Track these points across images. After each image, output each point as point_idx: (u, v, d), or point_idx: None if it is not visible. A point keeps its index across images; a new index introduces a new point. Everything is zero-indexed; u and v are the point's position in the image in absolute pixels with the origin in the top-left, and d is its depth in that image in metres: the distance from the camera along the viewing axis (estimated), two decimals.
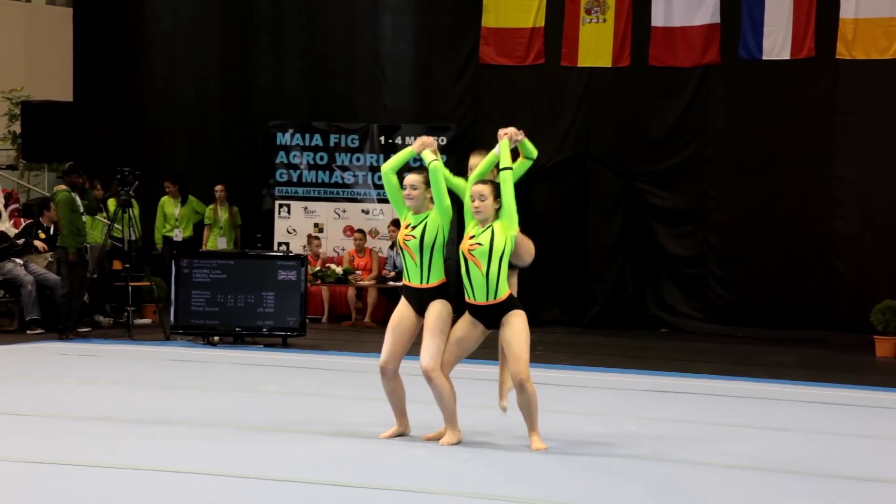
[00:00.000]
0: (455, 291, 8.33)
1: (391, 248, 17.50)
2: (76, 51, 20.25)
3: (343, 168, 18.06)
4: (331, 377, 11.78)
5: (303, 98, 19.16)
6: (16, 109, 19.28)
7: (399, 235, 8.08)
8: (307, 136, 18.13)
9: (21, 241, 15.84)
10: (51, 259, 15.64)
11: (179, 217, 18.12)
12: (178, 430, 8.31)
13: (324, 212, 18.11)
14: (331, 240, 18.10)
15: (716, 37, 17.01)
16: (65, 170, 16.02)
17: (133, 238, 15.42)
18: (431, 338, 7.86)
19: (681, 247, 17.28)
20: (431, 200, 7.97)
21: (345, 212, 18.10)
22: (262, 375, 11.64)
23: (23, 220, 16.89)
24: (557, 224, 17.70)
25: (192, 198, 18.24)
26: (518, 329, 7.81)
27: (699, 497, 6.74)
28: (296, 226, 18.09)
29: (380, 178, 17.71)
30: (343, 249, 17.96)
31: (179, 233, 18.05)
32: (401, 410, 8.17)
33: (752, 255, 16.88)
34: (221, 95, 19.62)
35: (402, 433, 8.17)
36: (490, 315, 7.88)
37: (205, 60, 19.71)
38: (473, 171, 8.07)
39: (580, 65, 17.54)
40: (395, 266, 17.08)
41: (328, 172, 18.10)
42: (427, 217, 7.95)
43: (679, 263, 17.28)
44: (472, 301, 7.90)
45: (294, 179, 18.14)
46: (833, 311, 16.48)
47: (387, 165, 8.14)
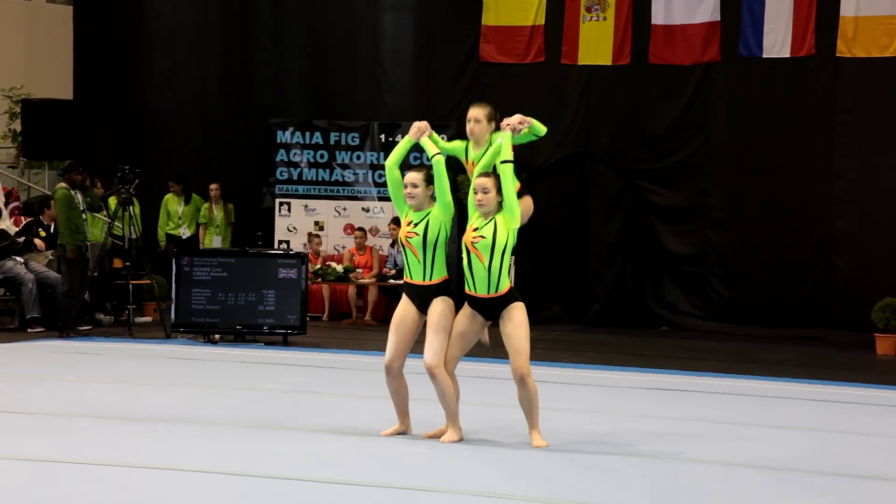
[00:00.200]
0: (456, 287, 8.31)
1: (392, 246, 17.50)
2: (76, 49, 20.26)
3: (343, 166, 18.06)
4: (331, 375, 11.77)
5: (303, 96, 19.17)
6: (16, 107, 19.29)
7: (401, 233, 8.07)
8: (307, 134, 18.14)
9: (22, 240, 15.85)
10: (51, 257, 15.65)
11: (183, 215, 18.12)
12: (179, 428, 8.31)
13: (324, 210, 18.12)
14: (331, 238, 18.11)
15: (716, 35, 17.01)
16: (65, 167, 16.03)
17: (134, 236, 15.42)
18: (434, 335, 7.85)
19: (681, 245, 17.28)
20: (433, 198, 7.96)
21: (345, 210, 18.11)
22: (263, 373, 11.64)
23: (23, 219, 16.89)
24: (558, 222, 17.72)
25: (196, 196, 18.24)
26: (518, 322, 7.80)
27: (700, 495, 6.74)
28: (296, 224, 18.09)
29: (380, 177, 17.89)
30: (343, 247, 17.97)
31: (186, 231, 18.05)
32: (403, 410, 8.16)
33: (753, 253, 16.88)
34: (222, 93, 19.63)
35: (404, 431, 8.15)
36: (490, 307, 7.87)
37: (205, 58, 19.72)
38: (477, 155, 8.07)
39: (580, 63, 17.56)
40: (396, 264, 17.08)
41: (329, 170, 18.10)
42: (429, 214, 7.95)
43: (680, 261, 17.28)
44: (473, 293, 7.89)
45: (294, 177, 18.15)
46: (833, 309, 16.48)
47: (390, 160, 8.13)
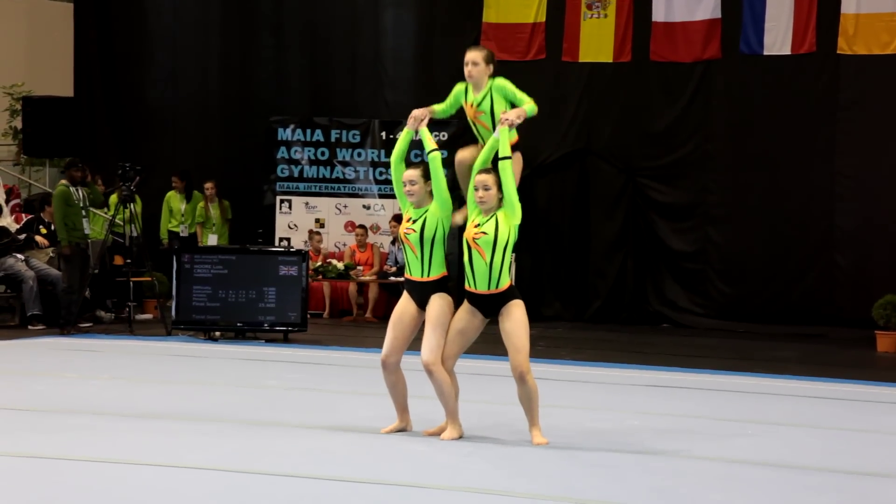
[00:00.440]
0: (456, 284, 8.31)
1: (392, 244, 17.50)
2: (77, 46, 20.24)
3: (344, 163, 18.06)
4: (332, 372, 11.77)
5: (304, 93, 19.16)
6: (17, 105, 19.28)
7: (400, 229, 8.08)
8: (308, 132, 18.13)
9: (22, 237, 15.86)
10: (52, 254, 15.66)
11: (185, 213, 18.11)
12: (179, 425, 8.32)
13: (325, 207, 18.11)
14: (332, 235, 18.10)
15: (717, 32, 17.00)
16: (65, 164, 16.04)
17: (134, 233, 15.41)
18: (432, 331, 7.85)
19: (682, 242, 17.27)
20: (431, 194, 7.97)
21: (346, 207, 18.11)
22: (263, 370, 11.65)
23: (24, 216, 16.89)
24: (559, 219, 17.72)
25: (197, 193, 18.21)
26: (518, 320, 7.80)
27: (700, 492, 6.74)
28: (297, 221, 18.08)
29: (381, 174, 17.90)
30: (344, 245, 17.97)
31: (185, 228, 18.04)
32: (402, 405, 8.16)
33: (754, 251, 16.88)
34: (222, 91, 19.62)
35: (404, 428, 8.15)
36: (490, 304, 7.86)
37: (206, 56, 19.71)
38: (477, 159, 8.07)
39: (581, 60, 17.55)
40: (397, 261, 17.08)
41: (329, 168, 18.10)
42: (427, 211, 7.95)
43: (680, 259, 17.28)
44: (473, 290, 7.88)
45: (295, 175, 18.14)
46: (834, 307, 16.48)
47: (393, 156, 8.16)
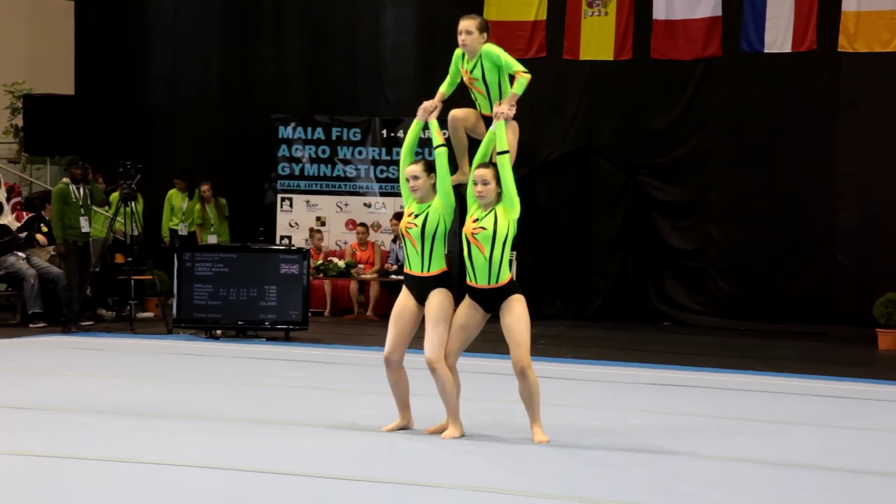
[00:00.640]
0: (457, 281, 8.31)
1: (393, 242, 17.50)
2: (78, 44, 20.24)
3: (345, 161, 18.06)
4: (333, 371, 11.78)
5: (305, 91, 19.16)
6: (18, 103, 19.29)
7: (402, 223, 8.08)
8: (309, 130, 18.13)
9: (23, 235, 15.87)
10: (53, 252, 15.66)
11: (187, 211, 18.10)
12: (180, 424, 8.32)
13: (326, 205, 18.11)
14: (333, 233, 18.11)
15: (717, 30, 16.99)
16: (66, 162, 16.06)
17: (135, 232, 15.41)
18: (434, 328, 7.85)
19: (683, 240, 17.27)
20: (435, 189, 7.98)
21: (347, 205, 18.10)
22: (265, 369, 11.65)
23: (25, 214, 16.89)
24: (559, 217, 17.72)
25: (198, 192, 18.16)
26: (519, 315, 7.80)
27: (702, 490, 6.74)
28: (298, 219, 18.08)
29: (381, 172, 17.91)
30: (345, 243, 17.97)
31: (185, 227, 18.02)
32: (404, 403, 8.16)
33: (754, 249, 16.87)
34: (223, 89, 19.62)
35: (405, 427, 8.15)
36: (491, 298, 7.87)
37: (206, 54, 19.71)
38: (477, 153, 8.07)
39: (582, 58, 17.54)
40: (398, 259, 17.08)
41: (330, 166, 18.10)
42: (430, 206, 7.96)
43: (681, 257, 17.27)
44: (474, 284, 7.89)
45: (296, 173, 18.14)
46: (835, 305, 16.47)
47: (403, 147, 8.18)
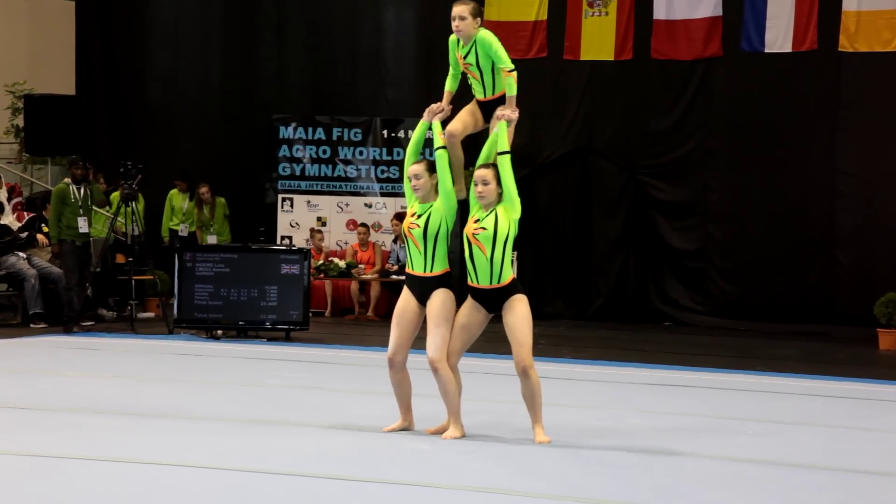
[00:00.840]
0: (458, 282, 8.30)
1: (394, 242, 17.50)
2: (79, 44, 20.24)
3: (346, 162, 18.06)
4: (334, 371, 11.78)
5: (305, 92, 19.17)
6: (19, 103, 19.28)
7: (404, 223, 8.08)
8: (310, 130, 18.13)
9: (24, 235, 15.87)
10: (54, 252, 15.66)
11: (186, 212, 18.09)
12: (181, 424, 8.32)
13: (327, 205, 18.12)
14: (334, 234, 18.11)
15: (718, 29, 16.99)
16: (68, 162, 16.07)
17: (136, 232, 15.41)
18: (436, 328, 7.86)
19: (683, 240, 17.27)
20: (437, 189, 7.98)
21: (348, 206, 18.11)
22: (265, 369, 11.65)
23: (26, 214, 16.90)
24: (560, 218, 17.71)
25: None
26: (521, 314, 7.81)
27: (702, 490, 6.74)
28: (299, 219, 18.09)
29: (382, 172, 17.92)
30: (346, 243, 17.97)
31: (185, 228, 18.02)
32: (406, 404, 8.16)
33: (755, 249, 16.87)
34: (224, 89, 19.62)
35: (406, 427, 8.15)
36: (493, 299, 7.87)
37: (207, 54, 19.71)
38: (480, 155, 8.10)
39: (582, 58, 17.54)
40: (399, 260, 17.08)
41: (331, 166, 18.10)
42: (432, 206, 7.97)
43: (682, 257, 17.27)
44: (476, 284, 7.90)
45: (297, 173, 18.14)
46: (836, 305, 16.47)
47: (409, 148, 8.19)
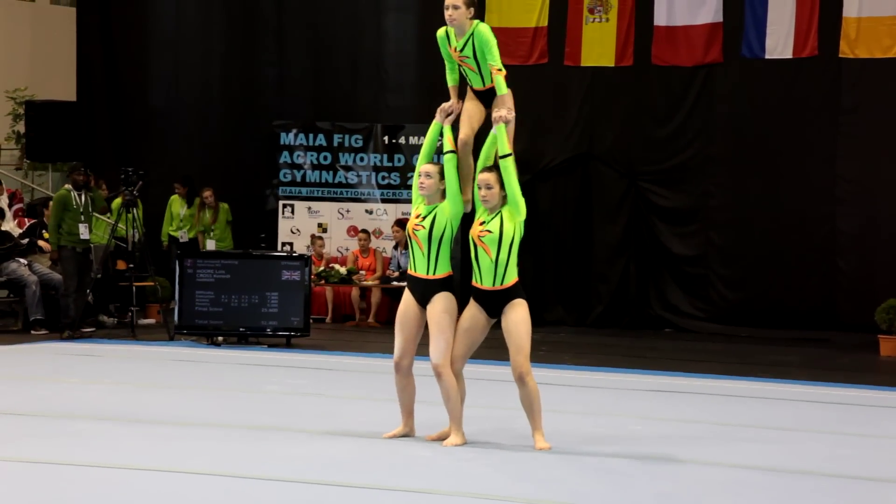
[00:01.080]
0: (459, 285, 8.30)
1: (395, 248, 17.52)
2: (80, 50, 20.25)
3: (347, 168, 18.07)
4: (334, 377, 11.78)
5: (306, 98, 19.18)
6: (20, 109, 19.32)
7: (409, 224, 8.07)
8: (311, 136, 18.15)
9: (25, 241, 15.88)
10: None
11: (185, 218, 18.10)
12: (182, 431, 8.31)
13: (327, 212, 18.12)
14: (334, 240, 18.11)
15: (718, 36, 17.00)
16: (68, 168, 16.06)
17: (137, 238, 15.41)
18: (440, 333, 7.86)
19: (684, 246, 17.27)
20: (444, 194, 7.99)
21: (348, 212, 18.11)
22: (266, 375, 11.65)
23: (27, 220, 16.91)
24: (561, 224, 17.72)
25: (198, 200, 18.13)
26: (520, 320, 7.80)
27: (704, 497, 6.74)
28: (299, 226, 18.10)
29: (383, 178, 17.94)
30: (347, 249, 17.98)
31: (185, 234, 18.02)
32: (409, 410, 8.15)
33: (755, 255, 16.87)
34: (225, 95, 19.63)
35: (407, 434, 8.14)
36: (494, 300, 7.85)
37: (208, 60, 19.72)
38: (480, 157, 8.10)
39: (583, 64, 17.55)
40: (400, 266, 17.09)
41: (332, 172, 18.11)
42: (437, 209, 7.97)
43: (682, 263, 17.28)
44: (479, 285, 7.90)
45: (298, 179, 18.15)
46: (837, 311, 16.47)
47: (423, 149, 8.15)
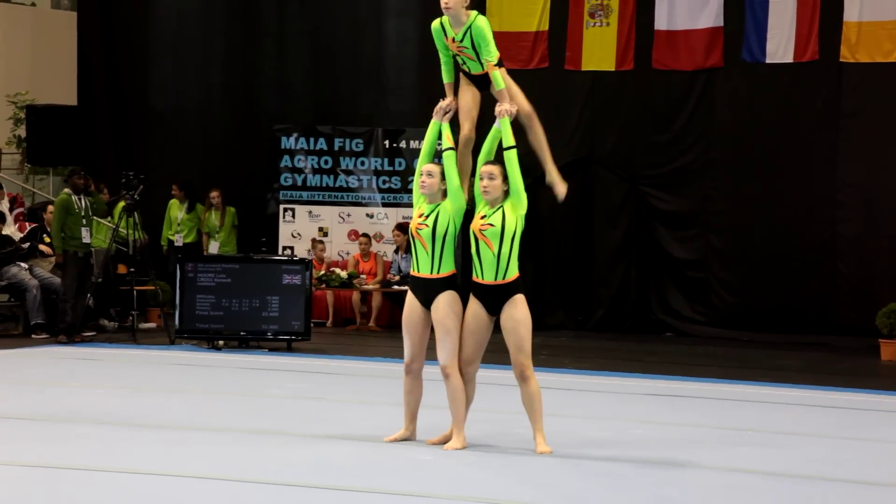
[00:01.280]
0: (461, 282, 8.29)
1: (396, 252, 17.52)
2: (81, 55, 20.25)
3: (347, 172, 18.07)
4: (335, 381, 11.78)
5: (307, 102, 19.18)
6: (21, 113, 19.31)
7: (412, 224, 8.08)
8: (312, 140, 18.15)
9: (26, 245, 15.88)
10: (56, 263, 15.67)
11: (182, 222, 18.09)
12: (182, 434, 8.32)
13: (328, 216, 18.12)
14: (335, 244, 18.11)
15: (719, 40, 17.00)
16: (68, 172, 16.06)
17: (138, 242, 15.41)
18: (446, 335, 7.86)
19: (685, 250, 17.27)
20: (445, 193, 7.99)
21: (349, 216, 18.11)
22: (267, 379, 11.66)
23: (28, 224, 16.91)
24: (562, 228, 17.71)
25: (200, 206, 18.11)
26: (520, 318, 7.80)
27: (704, 501, 6.74)
28: (300, 230, 18.09)
29: (384, 182, 17.94)
30: (348, 253, 17.98)
31: (180, 238, 18.00)
32: (413, 413, 8.15)
33: (756, 259, 16.87)
34: (226, 99, 19.63)
35: (408, 438, 8.15)
36: (495, 296, 7.84)
37: (209, 64, 19.73)
38: (482, 150, 8.10)
39: (584, 69, 17.55)
40: (401, 270, 17.09)
41: (333, 176, 18.11)
42: (439, 207, 7.98)
43: (683, 267, 17.27)
44: (480, 280, 7.89)
45: (299, 183, 18.15)
46: (837, 315, 16.45)
47: (423, 149, 8.20)
